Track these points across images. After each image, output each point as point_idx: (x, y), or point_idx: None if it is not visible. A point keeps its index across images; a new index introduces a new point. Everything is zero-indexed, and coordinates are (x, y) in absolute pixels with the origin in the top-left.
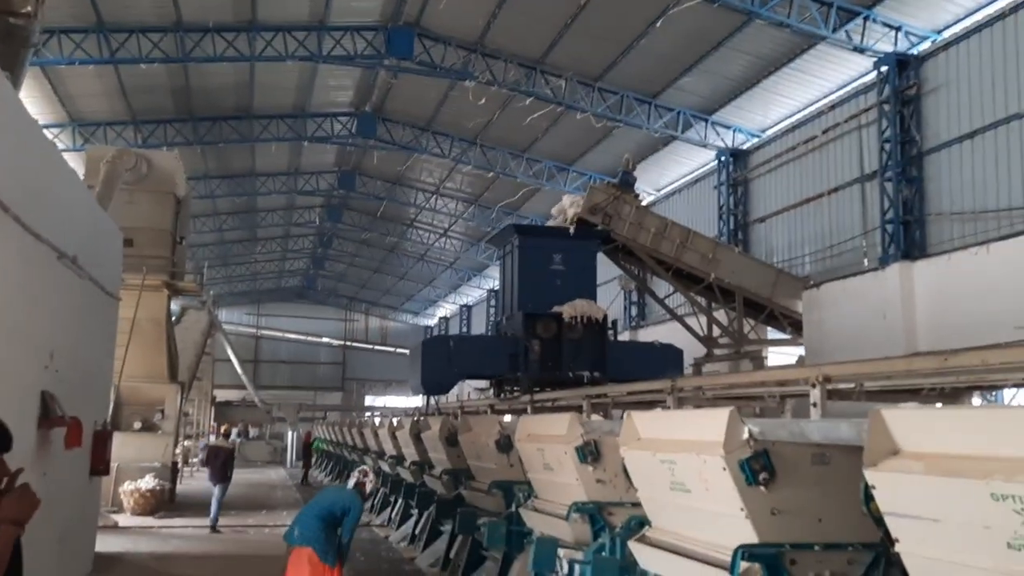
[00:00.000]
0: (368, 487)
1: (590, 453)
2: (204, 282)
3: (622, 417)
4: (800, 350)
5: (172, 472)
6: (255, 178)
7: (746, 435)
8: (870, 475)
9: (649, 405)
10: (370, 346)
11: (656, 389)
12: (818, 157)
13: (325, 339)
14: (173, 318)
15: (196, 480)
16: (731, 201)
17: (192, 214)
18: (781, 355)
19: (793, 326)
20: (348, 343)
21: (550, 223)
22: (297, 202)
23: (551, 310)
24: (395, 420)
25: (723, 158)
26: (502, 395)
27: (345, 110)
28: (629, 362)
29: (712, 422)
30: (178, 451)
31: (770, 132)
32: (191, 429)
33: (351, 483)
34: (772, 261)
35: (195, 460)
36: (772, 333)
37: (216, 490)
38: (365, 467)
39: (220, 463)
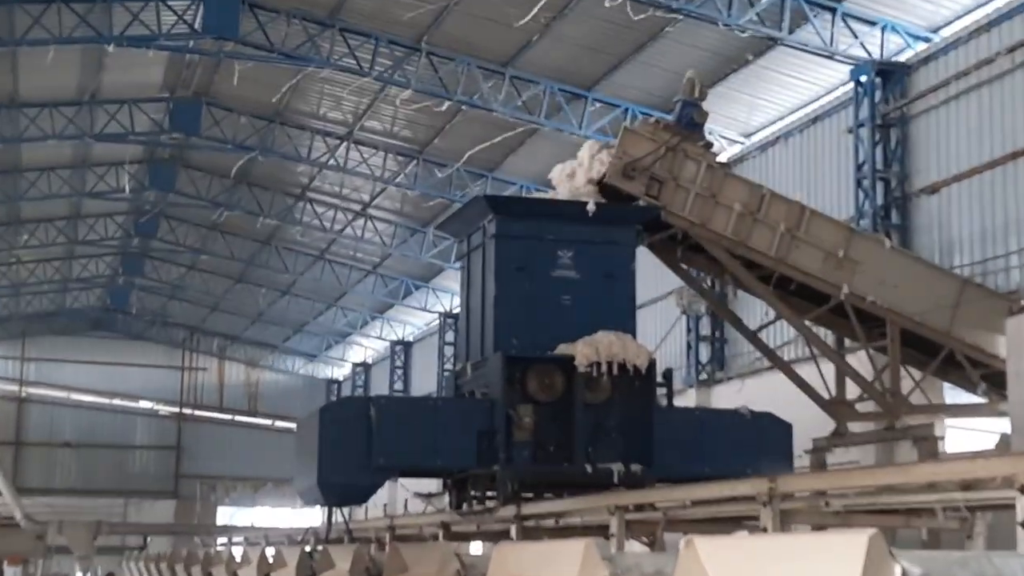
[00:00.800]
0: None
1: None
2: None
3: (680, 546)
4: (1004, 424)
5: None
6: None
7: None
8: None
9: (730, 525)
10: (227, 416)
11: (742, 496)
12: None
13: (145, 403)
14: None
15: None
16: (878, 156)
17: None
18: (968, 433)
19: (990, 380)
20: (187, 411)
21: (552, 194)
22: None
23: (553, 351)
24: (271, 552)
25: (864, 78)
26: (464, 505)
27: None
28: (694, 446)
29: (839, 557)
30: None
31: (948, 32)
32: None
33: None
34: (952, 264)
35: None
36: (952, 393)
37: None
38: None
39: None
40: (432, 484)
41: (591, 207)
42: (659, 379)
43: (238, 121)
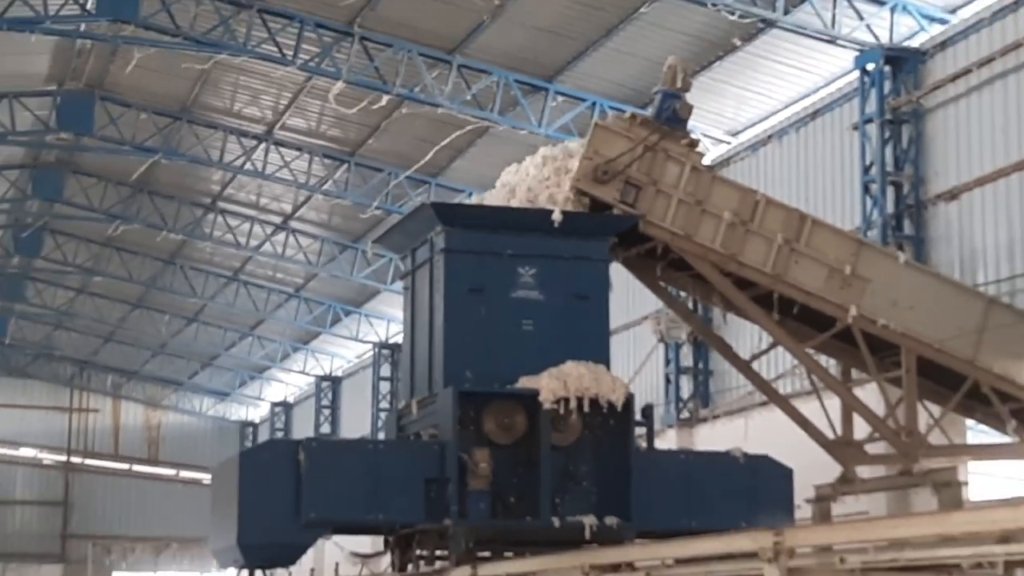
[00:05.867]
0: None
1: None
2: None
3: None
4: None
5: None
6: None
7: None
8: None
9: None
10: (123, 466)
11: (741, 552)
12: None
13: (26, 450)
14: None
15: None
16: (887, 156)
17: None
18: (997, 479)
19: (1021, 417)
20: (76, 460)
21: (502, 201)
22: None
23: (514, 385)
24: None
25: (871, 66)
26: (410, 568)
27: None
28: (679, 495)
29: None
30: None
31: (967, 13)
32: None
33: None
34: (976, 281)
35: None
36: (977, 432)
37: None
38: None
39: None
40: (369, 542)
41: (557, 216)
42: (638, 417)
43: (137, 118)
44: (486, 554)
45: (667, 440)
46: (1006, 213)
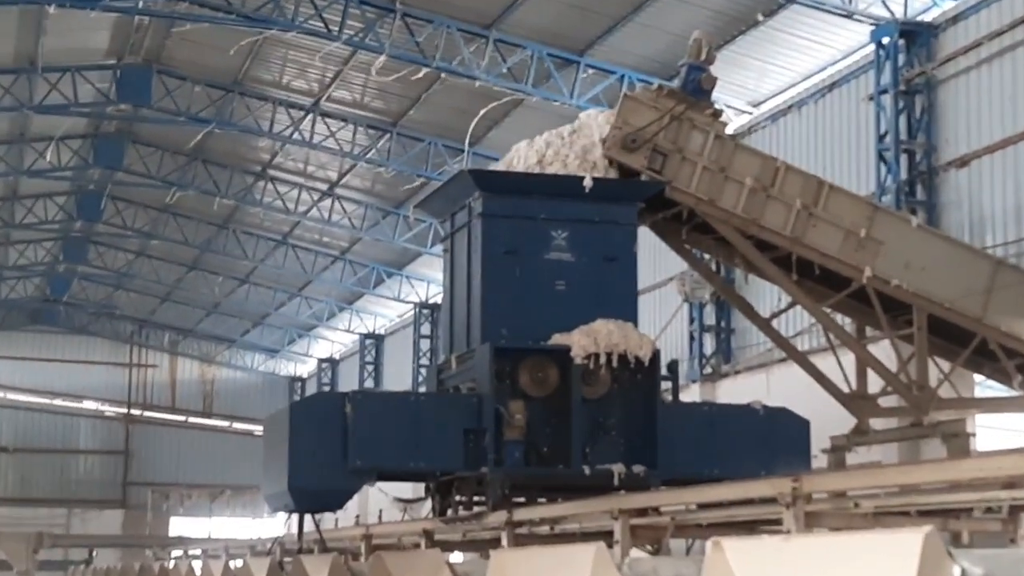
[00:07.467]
0: None
1: None
2: None
3: (693, 552)
4: None
5: None
6: None
7: None
8: None
9: (744, 530)
10: (180, 418)
11: (761, 498)
12: None
13: (90, 403)
14: None
15: None
16: (901, 126)
17: None
18: (1003, 431)
19: None
20: (136, 412)
21: (521, 168)
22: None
23: (547, 341)
24: (235, 565)
25: (887, 40)
26: (449, 512)
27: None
28: (702, 444)
29: (893, 558)
30: None
31: None
32: None
33: None
34: (984, 244)
35: None
36: (984, 387)
37: None
38: None
39: None
40: (410, 489)
41: (588, 182)
42: (663, 372)
43: (192, 91)
44: (521, 500)
45: (691, 394)
46: (1014, 179)
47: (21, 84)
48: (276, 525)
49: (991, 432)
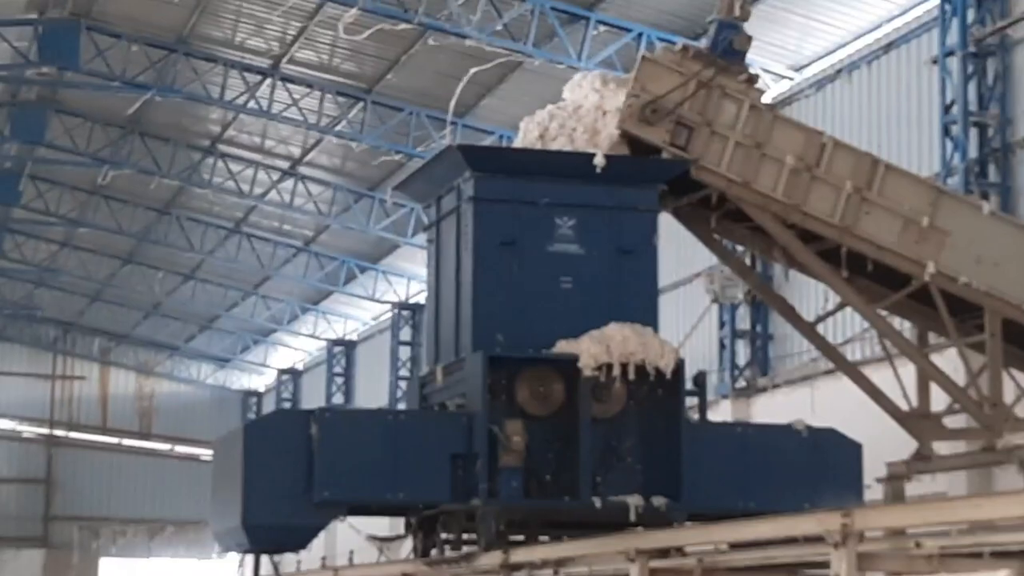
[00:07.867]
0: None
1: None
2: None
3: None
4: None
5: None
6: None
7: None
8: None
9: (787, 573)
10: (112, 440)
11: (805, 536)
12: None
13: (3, 421)
14: None
15: None
16: (971, 94)
17: None
18: None
19: None
20: (60, 433)
21: (526, 143)
22: None
23: (550, 349)
24: None
25: None
26: (433, 552)
27: None
28: (735, 473)
29: None
30: None
31: None
32: None
33: None
34: None
35: None
36: None
37: None
38: None
39: None
40: (387, 525)
41: (600, 160)
42: (689, 386)
43: (128, 51)
44: (519, 538)
45: (721, 412)
46: None
47: None
48: (228, 568)
49: None
